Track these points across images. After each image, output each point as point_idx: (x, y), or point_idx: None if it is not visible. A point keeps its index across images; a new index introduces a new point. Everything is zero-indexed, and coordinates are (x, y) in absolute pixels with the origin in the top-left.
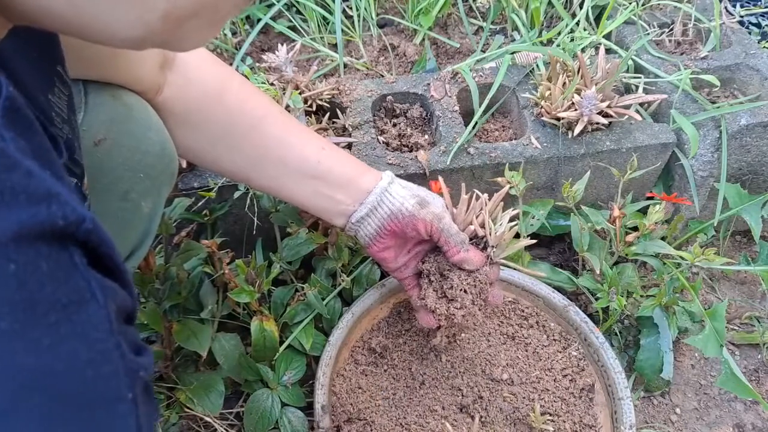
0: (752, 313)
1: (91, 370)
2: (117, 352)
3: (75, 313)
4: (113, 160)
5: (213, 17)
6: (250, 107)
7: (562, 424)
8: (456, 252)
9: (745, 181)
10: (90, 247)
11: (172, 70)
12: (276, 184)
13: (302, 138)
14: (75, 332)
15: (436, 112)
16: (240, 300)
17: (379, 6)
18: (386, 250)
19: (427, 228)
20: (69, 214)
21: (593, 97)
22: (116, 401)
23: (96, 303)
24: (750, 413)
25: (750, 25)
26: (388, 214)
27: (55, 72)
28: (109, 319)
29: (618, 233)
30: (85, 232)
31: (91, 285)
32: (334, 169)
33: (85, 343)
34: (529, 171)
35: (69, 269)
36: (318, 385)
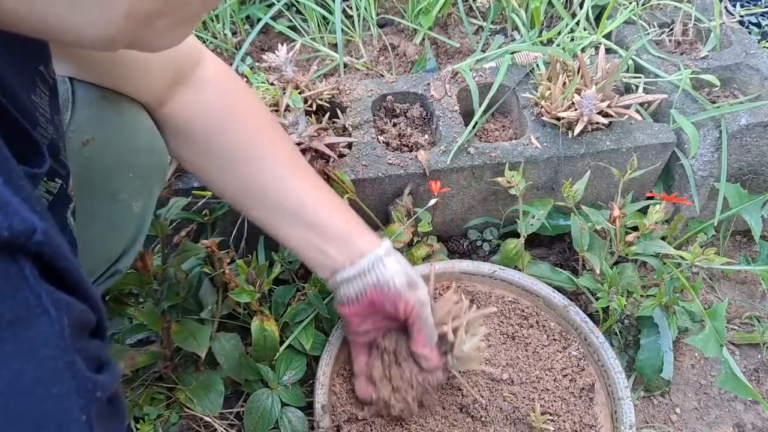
0: (752, 312)
1: (39, 391)
2: (68, 372)
3: (22, 330)
4: (102, 160)
5: (182, 16)
6: (258, 138)
7: (562, 424)
8: (423, 345)
9: (746, 180)
10: (44, 260)
11: (187, 87)
12: (270, 221)
13: (305, 183)
14: (21, 350)
15: (436, 112)
16: (240, 300)
17: (379, 6)
18: (356, 314)
19: (407, 310)
20: (16, 224)
21: (593, 97)
22: (67, 424)
23: (47, 318)
24: (750, 413)
25: (750, 24)
26: (374, 283)
27: (36, 72)
28: (62, 335)
29: (618, 233)
30: (37, 243)
31: (41, 299)
32: (332, 223)
33: (33, 361)
34: (529, 171)
35: (17, 282)
36: (318, 385)
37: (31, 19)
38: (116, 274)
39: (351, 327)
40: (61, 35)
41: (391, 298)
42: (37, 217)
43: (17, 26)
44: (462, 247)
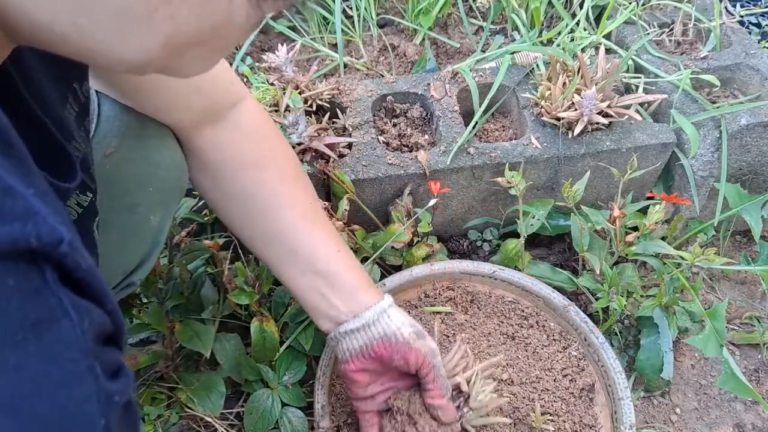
0: (752, 313)
1: (62, 393)
2: (89, 375)
3: (46, 332)
4: (123, 172)
5: (216, 46)
6: (281, 192)
7: (562, 424)
8: (440, 396)
9: (745, 181)
10: (66, 269)
11: (219, 126)
12: (278, 265)
13: (321, 235)
14: (44, 352)
15: (436, 112)
16: (239, 302)
17: (379, 6)
18: (362, 372)
19: (419, 361)
20: (45, 235)
21: (593, 97)
22: (88, 427)
23: (69, 321)
24: (750, 413)
25: (750, 24)
26: (380, 335)
27: (71, 89)
28: (84, 339)
29: (618, 233)
30: (62, 254)
31: (63, 302)
32: (341, 274)
33: (56, 363)
34: (529, 171)
35: (39, 286)
36: (318, 385)
37: (75, 43)
38: (131, 286)
39: (357, 390)
40: (97, 59)
41: (400, 350)
42: (65, 228)
43: (62, 49)
44: (462, 248)
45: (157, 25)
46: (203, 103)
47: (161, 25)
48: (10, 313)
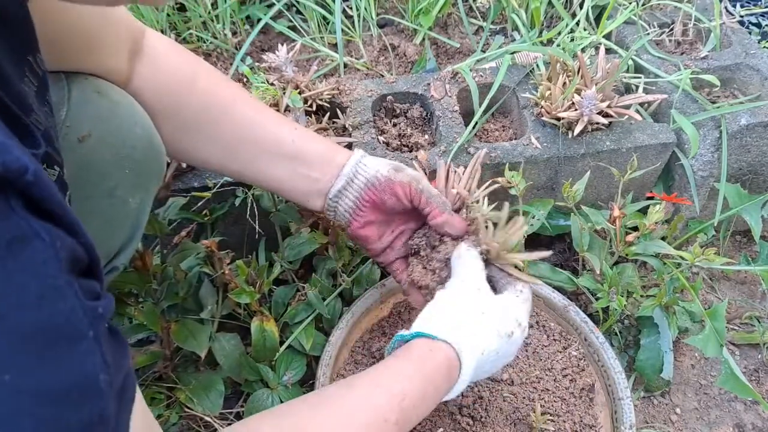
0: (752, 312)
1: (45, 306)
2: (70, 290)
3: (18, 251)
4: (98, 156)
5: None
6: (221, 92)
7: (562, 424)
8: (438, 214)
9: (745, 181)
10: (33, 199)
11: (141, 60)
12: (253, 169)
13: (275, 120)
14: (23, 267)
15: (436, 112)
16: (240, 301)
17: (379, 6)
18: (368, 226)
19: (406, 191)
20: (9, 162)
21: (593, 97)
22: (77, 339)
23: (41, 241)
24: (750, 413)
25: (750, 24)
26: (364, 183)
27: (25, 61)
28: (58, 258)
29: (618, 233)
30: (27, 183)
31: (31, 224)
32: (309, 148)
33: (35, 278)
34: (529, 171)
35: (5, 210)
36: (318, 385)
37: None
38: (114, 270)
39: (372, 246)
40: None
41: (387, 188)
42: (29, 160)
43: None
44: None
45: None
46: (125, 36)
47: None
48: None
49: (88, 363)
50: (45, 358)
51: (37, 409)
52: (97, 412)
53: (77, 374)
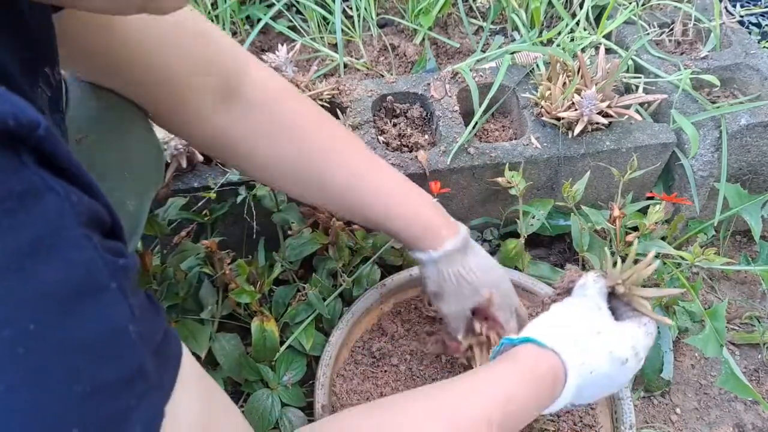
0: (752, 312)
1: (61, 258)
2: (89, 242)
3: (31, 204)
4: (95, 158)
5: None
6: (311, 162)
7: (562, 425)
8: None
9: (745, 180)
10: (45, 154)
11: (235, 104)
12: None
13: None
14: (35, 220)
15: (436, 112)
16: (241, 300)
17: (379, 6)
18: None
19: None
20: (21, 116)
21: (593, 97)
22: (99, 290)
23: (55, 194)
24: (750, 413)
25: (750, 24)
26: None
27: (40, 72)
28: (74, 211)
29: (618, 233)
30: (39, 138)
31: (45, 179)
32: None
33: (49, 228)
34: (529, 171)
35: (18, 165)
36: (318, 386)
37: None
38: None
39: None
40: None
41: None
42: (41, 116)
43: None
44: None
45: None
46: (214, 81)
47: None
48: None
49: (114, 313)
50: (67, 310)
51: (66, 362)
52: (134, 365)
53: (104, 324)
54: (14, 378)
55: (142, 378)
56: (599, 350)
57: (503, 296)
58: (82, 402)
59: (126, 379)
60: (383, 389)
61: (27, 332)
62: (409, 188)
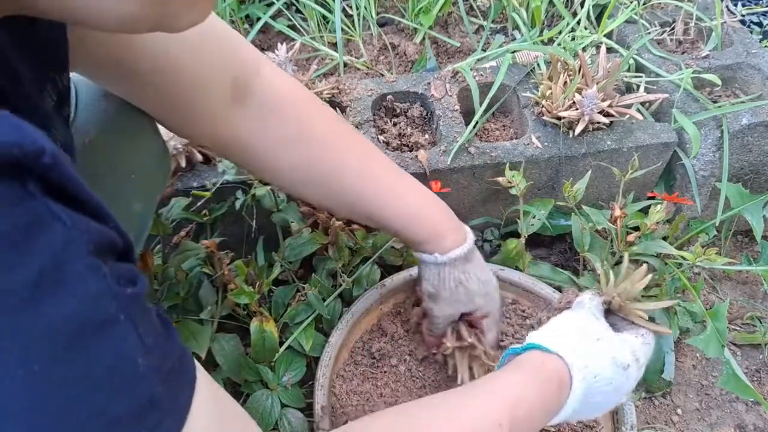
0: (754, 313)
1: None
2: (95, 273)
3: (35, 235)
4: (103, 160)
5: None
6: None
7: (562, 425)
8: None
9: (747, 180)
10: (53, 183)
11: (245, 105)
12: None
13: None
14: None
15: (437, 112)
16: (240, 301)
17: (379, 5)
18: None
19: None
20: (27, 144)
21: (594, 97)
22: (107, 323)
23: (61, 224)
24: (751, 414)
25: (751, 24)
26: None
27: (48, 78)
28: (81, 241)
29: (619, 233)
30: (45, 167)
31: (51, 209)
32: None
33: (55, 261)
34: (530, 170)
35: (23, 196)
36: (318, 386)
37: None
38: None
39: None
40: (83, 16)
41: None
42: (47, 141)
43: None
44: None
45: None
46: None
47: None
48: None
49: (123, 346)
50: (75, 346)
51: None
52: (145, 396)
53: (113, 359)
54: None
55: (154, 408)
56: (601, 355)
57: (492, 307)
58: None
59: (137, 411)
60: (383, 390)
61: (32, 374)
62: (422, 191)
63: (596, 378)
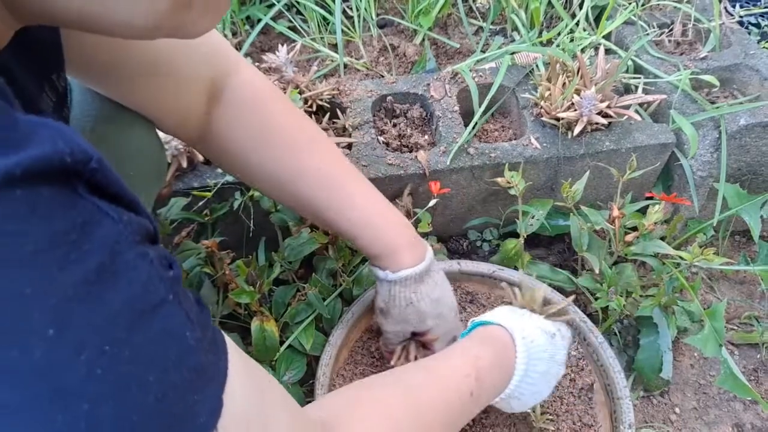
0: (751, 312)
1: (123, 279)
2: (144, 261)
3: (90, 232)
4: None
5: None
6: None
7: (561, 424)
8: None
9: (745, 181)
10: (97, 185)
11: (220, 104)
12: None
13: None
14: (97, 246)
15: (436, 113)
16: (240, 301)
17: (379, 6)
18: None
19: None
20: (77, 151)
21: (593, 98)
22: (159, 305)
23: (110, 219)
24: (749, 413)
25: (749, 25)
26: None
27: (47, 79)
28: (127, 232)
29: (617, 233)
30: (91, 171)
31: (99, 207)
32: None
33: (109, 253)
34: (529, 171)
35: (75, 198)
36: (318, 385)
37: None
38: None
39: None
40: (103, 25)
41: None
42: (91, 148)
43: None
44: (462, 248)
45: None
46: (205, 76)
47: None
48: (56, 218)
49: (174, 323)
50: (134, 327)
51: (139, 374)
52: (194, 365)
53: (167, 335)
54: (96, 396)
55: (201, 375)
56: (532, 325)
57: (445, 328)
58: (157, 406)
59: (189, 379)
60: None
61: (103, 353)
62: (381, 204)
63: (533, 343)
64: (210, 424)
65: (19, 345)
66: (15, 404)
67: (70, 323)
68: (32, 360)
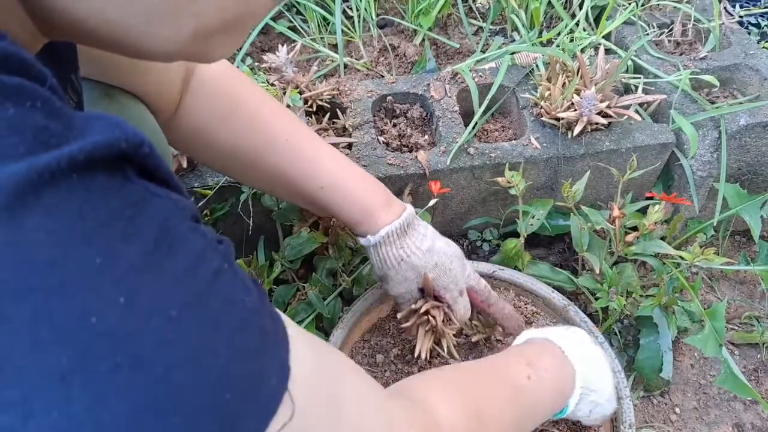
0: (752, 312)
1: (180, 250)
2: (196, 233)
3: (145, 210)
4: None
5: (240, 30)
6: (254, 133)
7: (561, 424)
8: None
9: (745, 181)
10: (146, 169)
11: (190, 86)
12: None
13: (305, 171)
14: (151, 221)
15: (436, 113)
16: None
17: (379, 6)
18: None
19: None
20: (131, 137)
21: (593, 98)
22: (217, 273)
23: (158, 199)
24: (749, 413)
25: (749, 25)
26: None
27: (68, 80)
28: (177, 208)
29: (617, 233)
30: (143, 155)
31: (149, 188)
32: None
33: (164, 228)
34: (529, 171)
35: (125, 181)
36: None
37: (105, 36)
38: None
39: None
40: (123, 50)
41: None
42: (143, 135)
43: (82, 37)
44: (462, 248)
45: (185, 20)
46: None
47: (189, 20)
48: (111, 198)
49: (233, 290)
50: (198, 292)
51: (208, 338)
52: (257, 328)
53: (228, 301)
54: (170, 359)
55: (266, 338)
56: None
57: (446, 276)
58: (228, 368)
59: (256, 342)
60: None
61: (170, 320)
62: (350, 169)
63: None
64: (282, 386)
65: (96, 312)
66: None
67: (139, 291)
68: (108, 326)
